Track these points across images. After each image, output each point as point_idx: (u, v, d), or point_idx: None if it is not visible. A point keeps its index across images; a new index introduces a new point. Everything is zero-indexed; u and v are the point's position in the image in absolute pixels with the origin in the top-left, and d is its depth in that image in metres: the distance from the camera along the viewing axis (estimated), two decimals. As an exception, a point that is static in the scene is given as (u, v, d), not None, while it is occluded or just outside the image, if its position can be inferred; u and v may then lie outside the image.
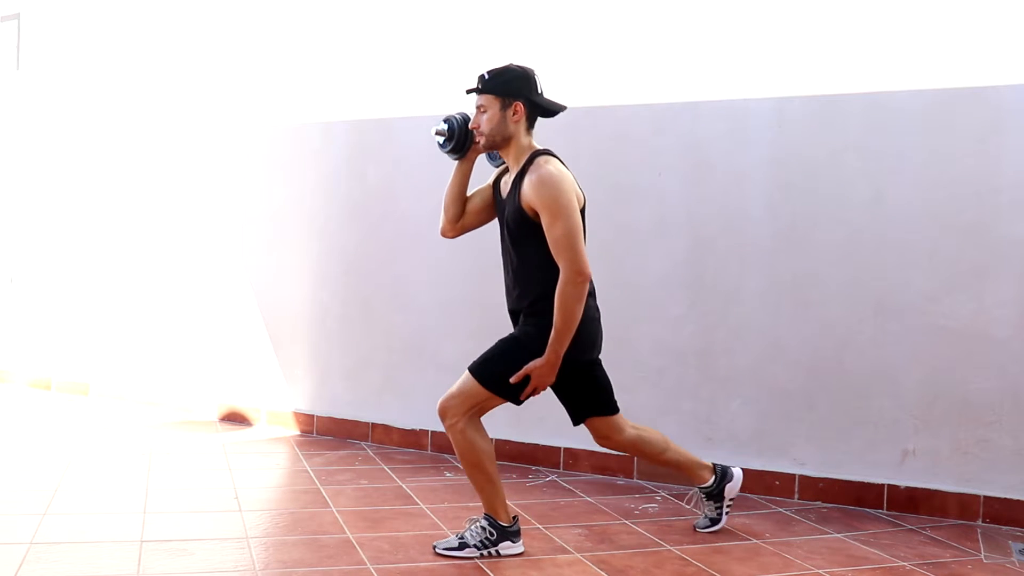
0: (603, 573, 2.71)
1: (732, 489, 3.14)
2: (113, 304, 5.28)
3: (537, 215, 2.72)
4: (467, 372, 2.79)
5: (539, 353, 2.72)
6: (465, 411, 2.77)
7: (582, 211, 2.77)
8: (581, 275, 2.67)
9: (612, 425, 2.97)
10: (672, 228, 3.80)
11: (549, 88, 3.96)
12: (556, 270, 2.70)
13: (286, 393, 4.68)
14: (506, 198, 2.85)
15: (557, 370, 2.73)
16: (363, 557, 2.76)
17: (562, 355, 2.71)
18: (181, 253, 5.05)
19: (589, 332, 2.80)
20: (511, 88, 2.80)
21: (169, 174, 5.10)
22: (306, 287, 4.62)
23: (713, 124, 3.73)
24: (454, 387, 2.80)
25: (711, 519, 3.16)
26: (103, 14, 5.35)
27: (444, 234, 3.04)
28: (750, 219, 3.68)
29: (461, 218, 2.99)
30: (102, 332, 5.32)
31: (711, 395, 3.74)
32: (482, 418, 2.83)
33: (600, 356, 2.93)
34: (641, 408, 3.79)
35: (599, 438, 3.01)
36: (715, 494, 3.14)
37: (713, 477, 3.12)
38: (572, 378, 2.85)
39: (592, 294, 2.80)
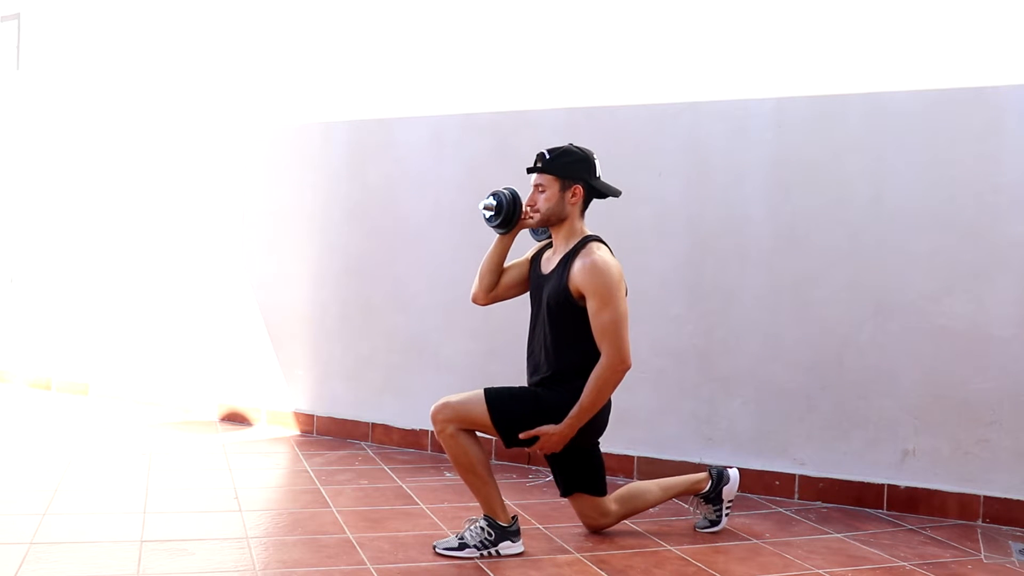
0: (603, 573, 2.71)
1: (730, 491, 3.16)
2: (113, 304, 5.28)
3: (582, 298, 2.77)
4: (482, 392, 2.82)
5: (555, 419, 2.79)
6: (458, 422, 2.80)
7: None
8: (624, 363, 2.75)
9: (599, 507, 3.03)
10: (672, 228, 3.80)
11: (548, 88, 3.98)
12: (586, 350, 2.77)
13: (286, 393, 4.67)
14: (548, 275, 2.89)
15: (567, 443, 2.82)
16: (363, 557, 2.76)
17: (577, 430, 2.80)
18: (181, 253, 5.05)
19: (602, 418, 2.89)
20: (572, 171, 2.84)
21: (169, 174, 5.10)
22: (306, 287, 4.62)
23: (713, 124, 3.73)
24: (459, 397, 2.83)
25: (711, 520, 3.17)
26: (103, 14, 5.35)
27: (475, 301, 3.08)
28: (750, 219, 3.68)
29: (495, 288, 3.02)
30: (102, 332, 5.31)
31: (711, 395, 3.74)
32: None
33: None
34: (641, 408, 3.79)
35: (584, 516, 3.06)
36: (713, 497, 3.15)
37: (710, 482, 3.15)
38: (572, 453, 2.93)
39: None
